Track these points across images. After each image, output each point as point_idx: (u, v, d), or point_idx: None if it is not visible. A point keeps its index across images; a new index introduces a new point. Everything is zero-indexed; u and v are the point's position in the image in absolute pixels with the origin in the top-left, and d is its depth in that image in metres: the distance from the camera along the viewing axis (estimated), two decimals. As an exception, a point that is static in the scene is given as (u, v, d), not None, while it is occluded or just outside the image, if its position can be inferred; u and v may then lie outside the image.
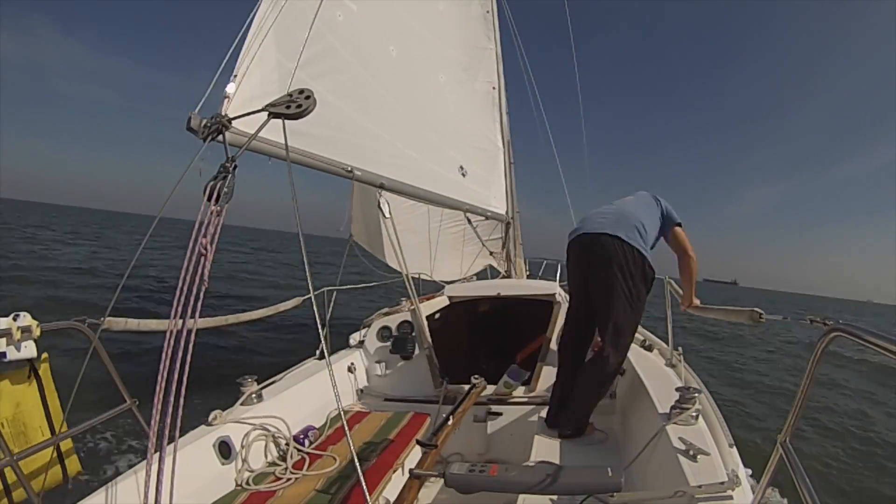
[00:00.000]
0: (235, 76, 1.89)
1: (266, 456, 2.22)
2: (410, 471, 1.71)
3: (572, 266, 2.50)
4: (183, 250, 1.20)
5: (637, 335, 3.41)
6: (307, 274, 1.44)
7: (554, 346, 3.16)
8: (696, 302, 2.59)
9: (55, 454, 1.61)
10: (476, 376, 2.74)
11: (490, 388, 3.09)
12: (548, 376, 3.08)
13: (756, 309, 1.73)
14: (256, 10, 2.07)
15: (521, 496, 1.78)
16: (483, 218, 4.42)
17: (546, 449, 2.36)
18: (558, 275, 6.09)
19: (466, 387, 2.66)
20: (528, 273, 5.75)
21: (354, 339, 3.44)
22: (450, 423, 2.11)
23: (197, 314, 1.20)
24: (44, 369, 1.63)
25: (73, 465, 1.70)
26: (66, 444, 1.66)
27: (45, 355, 1.62)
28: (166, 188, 1.51)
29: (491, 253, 5.66)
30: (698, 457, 1.63)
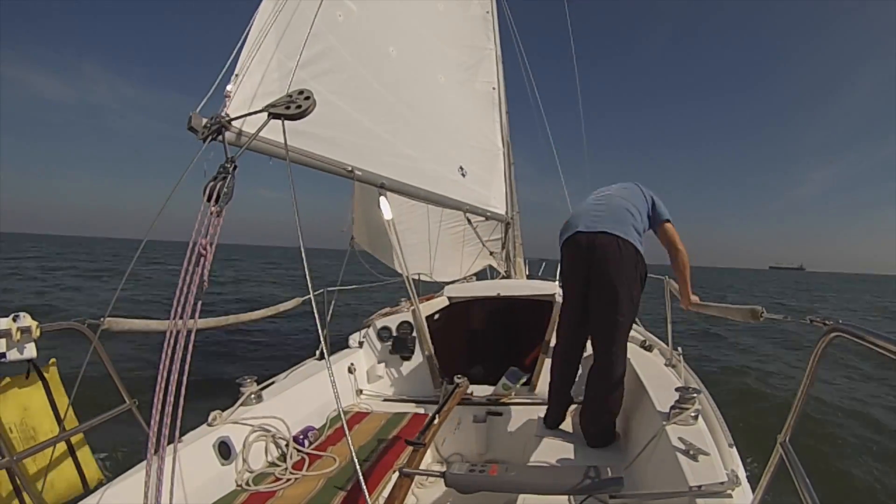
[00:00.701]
0: (236, 75, 1.88)
1: (266, 456, 2.22)
2: (400, 469, 1.72)
3: (570, 266, 2.42)
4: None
5: (637, 335, 3.42)
6: (307, 274, 1.44)
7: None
8: (695, 299, 2.51)
9: (69, 454, 1.62)
10: (459, 376, 2.76)
11: (489, 389, 3.09)
12: (548, 376, 3.09)
13: (756, 307, 1.74)
14: (257, 10, 2.07)
15: (521, 496, 1.78)
16: (483, 218, 4.42)
17: (546, 449, 2.36)
18: (557, 275, 6.09)
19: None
20: (527, 273, 5.76)
21: (354, 339, 3.44)
22: (436, 421, 2.12)
23: (197, 314, 1.20)
24: (51, 372, 1.63)
25: (89, 462, 1.71)
26: (80, 443, 1.67)
27: (52, 360, 1.63)
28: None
29: (491, 253, 5.66)
30: (698, 457, 1.63)
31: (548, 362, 3.11)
